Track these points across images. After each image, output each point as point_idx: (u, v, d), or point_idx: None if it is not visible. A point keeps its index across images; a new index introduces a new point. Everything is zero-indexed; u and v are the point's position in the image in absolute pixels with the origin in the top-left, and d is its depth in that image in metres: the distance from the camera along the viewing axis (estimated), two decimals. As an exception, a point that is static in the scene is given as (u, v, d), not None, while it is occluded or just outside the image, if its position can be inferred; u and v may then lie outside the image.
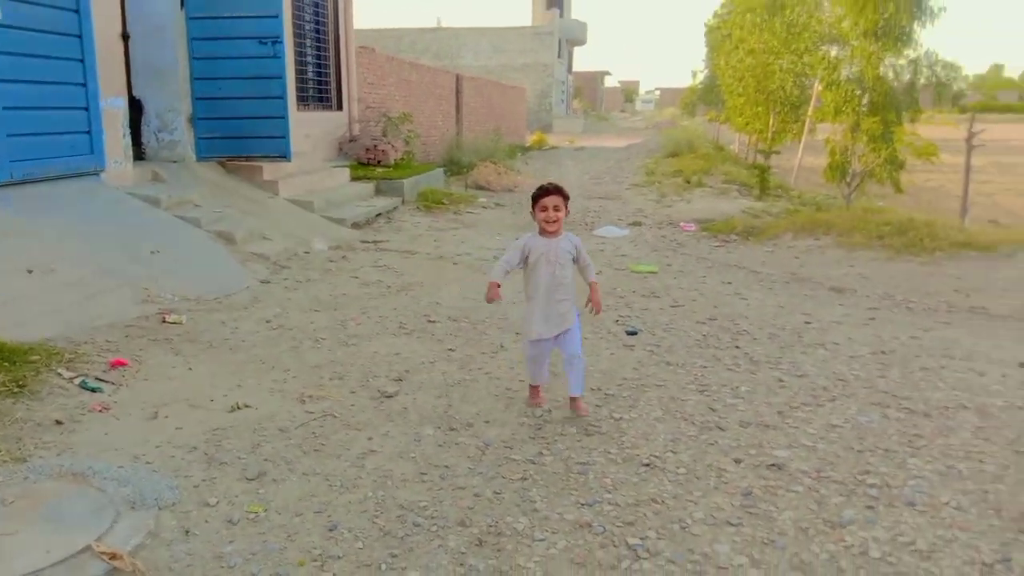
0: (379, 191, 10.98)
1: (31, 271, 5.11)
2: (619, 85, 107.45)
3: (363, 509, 2.85)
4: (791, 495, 3.02)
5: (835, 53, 14.58)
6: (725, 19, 23.33)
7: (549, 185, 3.64)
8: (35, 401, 3.54)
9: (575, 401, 3.74)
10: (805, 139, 17.27)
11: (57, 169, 6.29)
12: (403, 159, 12.65)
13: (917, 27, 12.69)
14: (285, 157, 9.04)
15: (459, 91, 19.23)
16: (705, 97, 36.10)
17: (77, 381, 3.77)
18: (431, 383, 4.18)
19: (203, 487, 2.95)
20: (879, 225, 8.34)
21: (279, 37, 8.61)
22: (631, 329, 5.23)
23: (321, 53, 11.86)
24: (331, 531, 2.70)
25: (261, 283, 6.29)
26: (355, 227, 9.12)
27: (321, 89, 11.98)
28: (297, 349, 4.70)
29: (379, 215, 9.97)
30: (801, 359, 4.65)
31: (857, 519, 2.83)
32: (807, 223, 9.17)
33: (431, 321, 5.38)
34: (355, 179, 11.02)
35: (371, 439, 3.45)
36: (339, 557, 2.55)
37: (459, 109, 19.22)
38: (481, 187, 13.78)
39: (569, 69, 52.74)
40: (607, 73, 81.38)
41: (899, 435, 3.56)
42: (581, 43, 53.01)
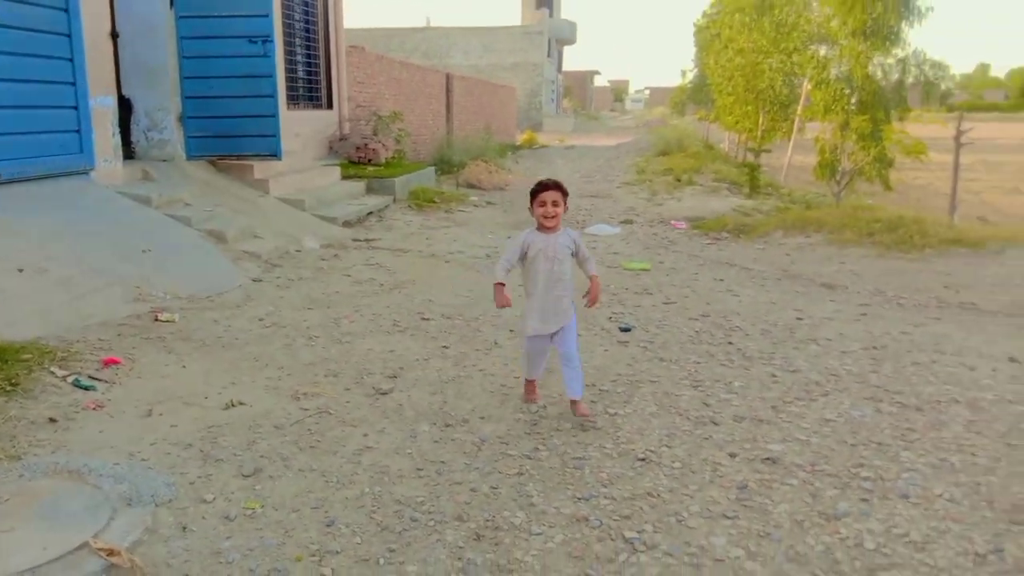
0: (370, 190, 10.96)
1: (22, 270, 5.08)
2: (608, 84, 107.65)
3: (360, 505, 2.85)
4: (786, 488, 3.04)
5: (824, 52, 14.68)
6: (714, 19, 23.47)
7: (548, 180, 3.64)
8: (28, 399, 3.51)
9: (575, 404, 3.66)
10: (794, 138, 17.36)
11: (46, 168, 6.25)
12: (394, 158, 12.63)
13: (905, 26, 12.81)
14: (276, 156, 9.02)
15: (449, 90, 19.21)
16: (694, 96, 36.25)
17: (70, 379, 3.75)
18: (426, 380, 4.18)
19: (199, 484, 2.94)
20: (869, 222, 8.40)
21: (269, 36, 8.58)
22: (624, 326, 5.24)
23: (311, 52, 11.82)
24: (328, 527, 2.70)
25: (253, 281, 6.27)
26: (346, 225, 9.10)
27: (311, 88, 11.94)
28: (291, 347, 4.69)
29: (370, 213, 9.95)
30: (794, 355, 4.68)
31: (852, 511, 2.85)
32: (797, 221, 9.22)
33: (424, 319, 5.38)
34: (346, 178, 10.99)
35: (367, 435, 3.45)
36: (337, 552, 2.55)
37: (449, 108, 19.20)
38: (472, 186, 13.77)
39: (559, 68, 52.81)
40: (596, 72, 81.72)
41: (892, 429, 3.58)
42: (571, 43, 53.12)
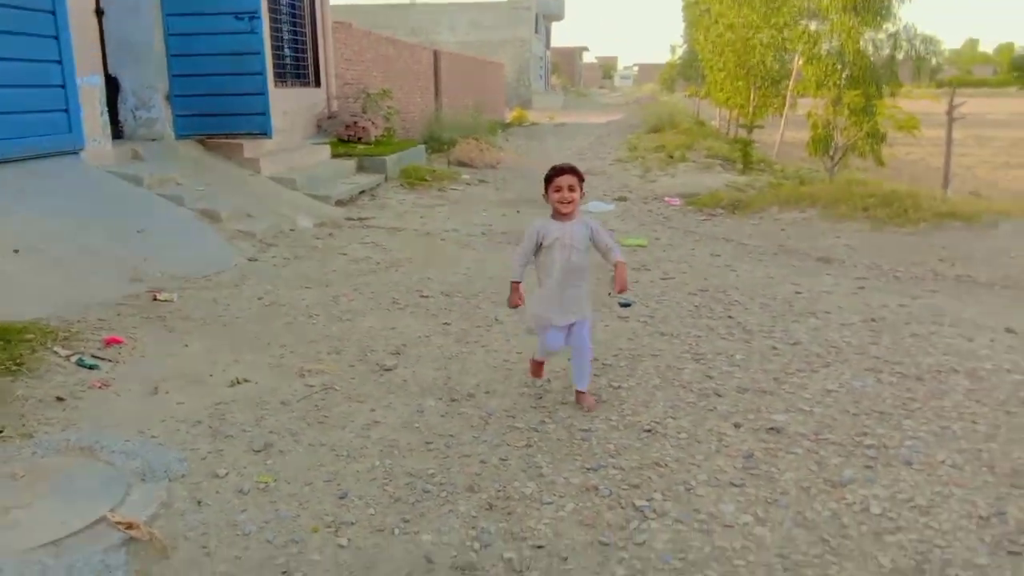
0: (361, 168, 10.88)
1: (17, 251, 5.03)
2: (597, 61, 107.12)
3: (372, 477, 2.87)
4: (791, 457, 3.08)
5: (815, 27, 14.65)
6: (703, -6, 23.26)
7: (564, 164, 3.46)
8: (34, 379, 3.50)
9: (581, 395, 3.57)
10: (786, 113, 17.35)
11: (35, 148, 6.17)
12: (384, 136, 12.53)
13: (895, 1, 12.81)
14: (266, 134, 8.92)
15: (437, 67, 19.04)
16: (684, 72, 36.14)
17: (74, 359, 3.74)
18: (429, 356, 4.19)
19: (211, 459, 2.95)
20: (863, 197, 8.43)
21: (256, 12, 8.45)
22: (624, 301, 5.26)
23: (297, 28, 11.65)
24: (342, 499, 2.72)
25: (249, 261, 6.24)
26: (339, 204, 9.05)
27: (298, 65, 11.78)
28: (291, 325, 4.68)
29: (362, 192, 9.90)
30: (793, 327, 4.72)
31: (857, 478, 2.90)
32: (792, 196, 9.24)
33: (424, 296, 5.38)
34: (336, 156, 10.91)
35: (374, 411, 3.46)
36: (352, 523, 2.57)
37: (438, 85, 19.04)
38: (463, 164, 13.70)
39: (547, 45, 52.46)
40: (585, 49, 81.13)
41: (893, 398, 3.63)
42: (558, 18, 52.68)
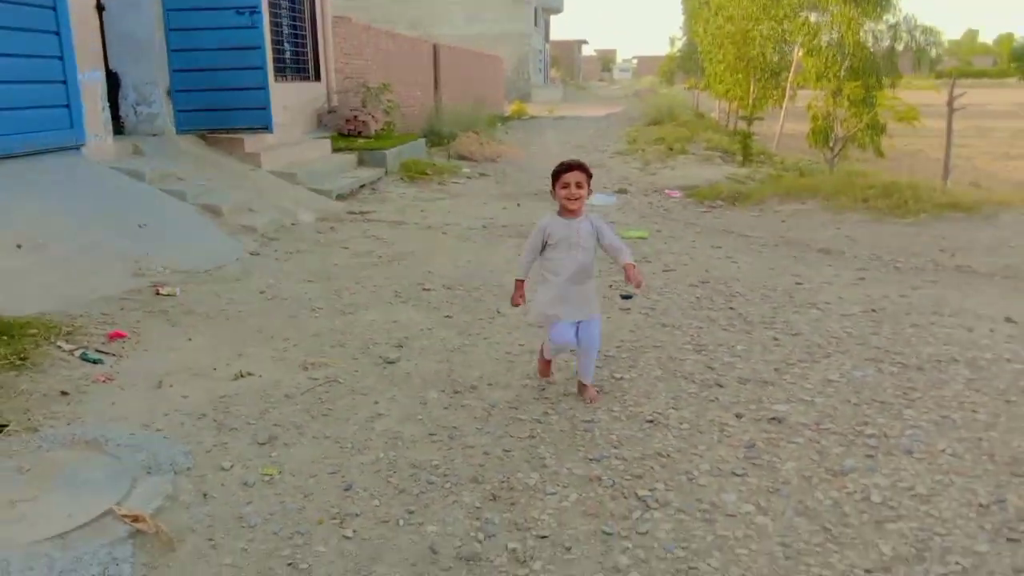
0: (362, 162, 10.89)
1: (20, 246, 5.05)
2: (596, 54, 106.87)
3: (376, 469, 2.89)
4: (792, 446, 3.10)
5: (815, 19, 14.63)
6: (703, -14, 23.19)
7: (571, 161, 3.44)
8: (38, 373, 3.52)
9: (584, 388, 3.57)
10: (786, 105, 17.32)
11: (37, 144, 6.17)
12: (384, 130, 12.53)
13: (895, -9, 12.78)
14: (267, 128, 8.94)
15: (436, 61, 19.00)
16: (684, 65, 36.06)
17: (78, 353, 3.75)
18: (431, 349, 4.21)
19: (215, 452, 2.97)
20: (864, 188, 8.43)
21: (256, 7, 8.46)
22: (626, 293, 5.27)
23: (297, 23, 11.65)
24: (347, 491, 2.73)
25: (251, 255, 6.25)
26: (340, 199, 9.06)
27: (298, 60, 11.79)
28: (294, 318, 4.70)
29: (363, 186, 9.90)
30: (794, 318, 4.73)
31: (858, 467, 2.92)
32: (792, 188, 9.24)
33: (426, 289, 5.39)
34: (337, 150, 10.91)
35: (377, 403, 3.48)
36: (357, 515, 2.59)
37: (437, 79, 19.00)
38: (464, 157, 13.69)
39: (546, 38, 52.30)
40: (584, 42, 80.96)
41: (894, 388, 3.65)
42: (557, 11, 52.52)
